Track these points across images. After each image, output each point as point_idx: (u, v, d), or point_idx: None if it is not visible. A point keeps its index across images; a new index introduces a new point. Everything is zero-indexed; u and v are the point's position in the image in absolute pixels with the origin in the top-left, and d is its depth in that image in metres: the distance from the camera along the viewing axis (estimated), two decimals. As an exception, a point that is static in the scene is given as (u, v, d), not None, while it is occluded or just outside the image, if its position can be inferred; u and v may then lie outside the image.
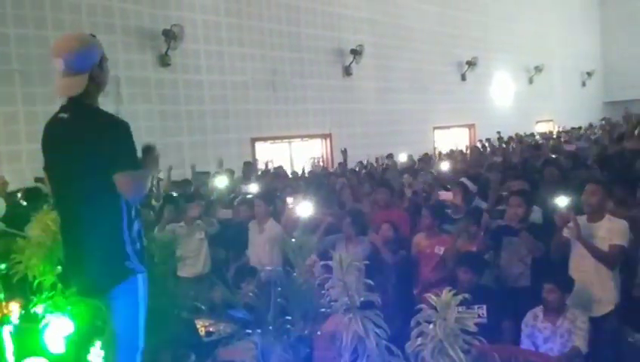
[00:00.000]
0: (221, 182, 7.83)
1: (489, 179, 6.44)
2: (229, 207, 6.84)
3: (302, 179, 9.53)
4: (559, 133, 16.95)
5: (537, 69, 19.96)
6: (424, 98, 15.43)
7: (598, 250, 3.92)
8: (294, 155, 12.63)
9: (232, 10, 11.00)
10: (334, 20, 13.18)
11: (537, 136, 16.11)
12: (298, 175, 10.37)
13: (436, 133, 16.37)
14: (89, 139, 2.41)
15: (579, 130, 17.02)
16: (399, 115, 14.53)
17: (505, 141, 14.65)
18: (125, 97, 8.94)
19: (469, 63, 16.86)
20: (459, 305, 2.17)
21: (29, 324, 3.32)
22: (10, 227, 3.70)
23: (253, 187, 7.52)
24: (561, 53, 21.30)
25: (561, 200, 4.10)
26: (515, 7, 19.24)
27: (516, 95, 19.31)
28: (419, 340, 2.11)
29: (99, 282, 2.50)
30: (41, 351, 3.23)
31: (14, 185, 7.01)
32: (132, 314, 2.51)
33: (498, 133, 15.48)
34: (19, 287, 3.32)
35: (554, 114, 21.00)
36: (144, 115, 9.30)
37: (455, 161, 10.52)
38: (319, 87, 12.76)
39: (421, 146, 14.12)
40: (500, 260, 4.63)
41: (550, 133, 17.25)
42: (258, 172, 10.13)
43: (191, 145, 10.14)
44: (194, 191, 7.35)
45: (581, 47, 23.15)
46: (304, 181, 9.10)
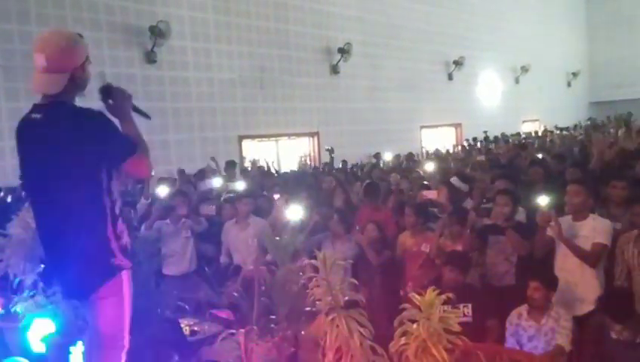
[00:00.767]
0: (217, 182, 7.82)
1: (474, 177, 6.48)
2: (213, 203, 6.80)
3: (289, 177, 9.50)
4: (545, 132, 17.07)
5: (524, 69, 20.11)
6: (411, 97, 15.48)
7: (579, 249, 3.95)
8: (281, 153, 12.61)
9: (220, 7, 10.94)
10: (322, 18, 13.16)
11: (523, 135, 16.23)
12: (285, 173, 10.32)
13: (423, 132, 16.43)
14: (68, 139, 2.34)
15: (566, 130, 17.10)
16: (387, 114, 14.56)
17: (491, 140, 14.74)
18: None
19: (456, 63, 16.94)
20: (444, 304, 2.17)
21: (10, 324, 3.28)
22: (-9, 225, 3.64)
23: (240, 185, 7.51)
24: (547, 53, 21.48)
25: (543, 200, 4.14)
26: (502, 7, 19.36)
27: (503, 95, 19.44)
28: (402, 339, 2.10)
29: (85, 281, 2.43)
30: (22, 351, 3.19)
31: (-3, 182, 6.93)
32: (117, 313, 2.47)
33: (485, 132, 15.57)
34: (-1, 286, 3.29)
35: (540, 113, 21.18)
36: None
37: (444, 160, 10.52)
38: (307, 86, 12.75)
39: (408, 145, 14.17)
40: (486, 258, 4.65)
41: (536, 133, 17.36)
42: (247, 169, 10.09)
43: (177, 143, 10.08)
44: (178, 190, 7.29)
45: (567, 47, 23.37)
46: (291, 179, 9.07)
